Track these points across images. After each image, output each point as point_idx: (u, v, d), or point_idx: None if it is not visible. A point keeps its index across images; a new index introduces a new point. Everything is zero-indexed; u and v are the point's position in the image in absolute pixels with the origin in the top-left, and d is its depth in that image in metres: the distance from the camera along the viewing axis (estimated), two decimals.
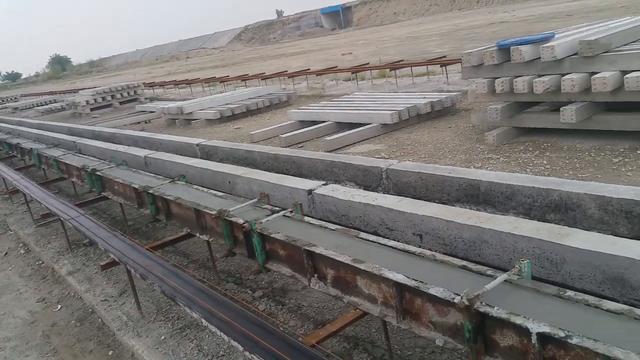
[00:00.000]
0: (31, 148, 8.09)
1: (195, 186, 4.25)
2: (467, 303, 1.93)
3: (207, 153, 6.12)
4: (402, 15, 68.39)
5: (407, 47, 24.06)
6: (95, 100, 20.81)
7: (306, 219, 3.18)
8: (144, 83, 23.51)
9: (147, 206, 4.42)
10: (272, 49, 52.07)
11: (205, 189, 4.11)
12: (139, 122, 16.45)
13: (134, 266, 3.58)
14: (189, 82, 21.45)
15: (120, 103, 21.64)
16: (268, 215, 3.26)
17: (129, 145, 7.53)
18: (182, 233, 3.92)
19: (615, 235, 2.48)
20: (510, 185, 3.19)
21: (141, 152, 6.30)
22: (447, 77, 11.90)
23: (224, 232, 3.32)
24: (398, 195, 3.66)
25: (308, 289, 3.69)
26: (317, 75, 16.17)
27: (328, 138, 8.21)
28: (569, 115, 5.89)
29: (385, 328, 2.62)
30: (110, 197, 5.32)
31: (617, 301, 2.08)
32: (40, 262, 5.64)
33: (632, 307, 1.75)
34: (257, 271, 3.17)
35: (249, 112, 13.53)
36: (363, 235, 2.81)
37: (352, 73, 14.79)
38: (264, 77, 17.76)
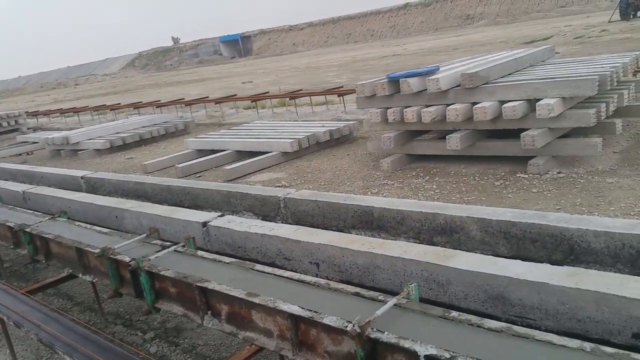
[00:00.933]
0: None
1: (78, 223, 3.96)
2: (358, 330, 1.93)
3: (93, 186, 5.75)
4: (301, 45, 70.16)
5: (306, 76, 24.62)
6: None
7: (199, 253, 3.06)
8: (26, 112, 21.84)
9: (24, 246, 4.04)
10: (169, 76, 50.92)
11: (89, 226, 3.84)
12: (20, 154, 15.20)
13: (7, 313, 3.23)
14: (76, 111, 20.30)
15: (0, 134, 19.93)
16: (158, 251, 3.09)
17: (5, 180, 6.90)
18: (64, 274, 3.61)
19: (495, 256, 2.62)
20: (400, 211, 3.29)
21: (19, 187, 5.78)
22: (344, 107, 12.28)
23: (108, 271, 3.10)
24: (296, 224, 3.65)
25: (204, 326, 3.54)
26: (216, 104, 16.00)
27: (227, 167, 8.08)
28: (454, 143, 6.27)
29: None
30: None
31: (500, 319, 2.19)
32: None
33: (511, 325, 1.84)
34: (147, 311, 2.98)
35: (143, 141, 13.03)
36: (259, 267, 2.75)
37: (252, 101, 14.80)
38: (159, 105, 17.26)
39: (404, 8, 69.70)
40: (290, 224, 3.80)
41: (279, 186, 6.71)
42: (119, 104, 19.46)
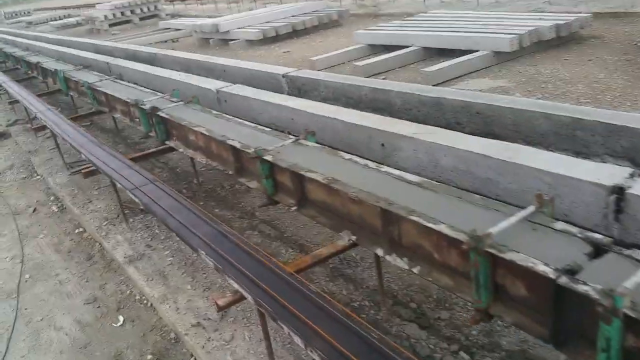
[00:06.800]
0: (56, 69, 6.47)
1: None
2: None
3: (299, 89, 4.47)
4: None
5: None
6: (114, 15, 18.84)
7: None
8: None
9: (254, 176, 2.89)
10: None
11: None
12: (165, 41, 14.61)
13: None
14: None
15: (140, 19, 19.67)
16: None
17: (177, 70, 5.88)
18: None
19: None
20: None
21: (209, 84, 4.67)
22: None
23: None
24: None
25: None
26: None
27: (426, 69, 6.48)
28: None
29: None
30: (180, 149, 3.77)
31: None
32: (81, 229, 4.21)
33: None
34: None
35: (294, 33, 11.69)
36: None
37: None
38: None
39: None
40: None
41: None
42: None
